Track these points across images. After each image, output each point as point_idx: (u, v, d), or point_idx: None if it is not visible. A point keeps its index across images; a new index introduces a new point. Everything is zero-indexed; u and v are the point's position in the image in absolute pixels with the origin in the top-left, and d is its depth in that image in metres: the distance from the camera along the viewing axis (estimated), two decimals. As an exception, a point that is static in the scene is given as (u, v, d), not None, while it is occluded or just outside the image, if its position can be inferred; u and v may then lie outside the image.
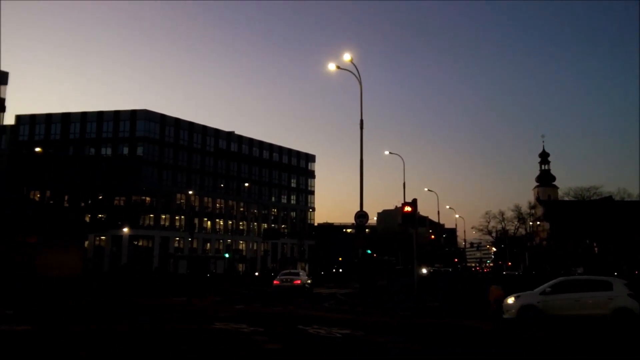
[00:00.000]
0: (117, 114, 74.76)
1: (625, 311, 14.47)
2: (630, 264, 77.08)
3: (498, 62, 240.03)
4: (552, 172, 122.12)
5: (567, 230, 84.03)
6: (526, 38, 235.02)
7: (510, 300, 16.61)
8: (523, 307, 15.99)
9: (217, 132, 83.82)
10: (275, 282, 30.31)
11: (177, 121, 78.27)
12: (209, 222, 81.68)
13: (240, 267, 79.95)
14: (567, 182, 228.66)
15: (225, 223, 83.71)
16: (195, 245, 77.24)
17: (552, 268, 76.71)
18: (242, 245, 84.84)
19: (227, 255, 72.86)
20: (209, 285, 34.59)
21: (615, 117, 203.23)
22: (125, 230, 67.96)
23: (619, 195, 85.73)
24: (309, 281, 32.59)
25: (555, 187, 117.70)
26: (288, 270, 36.86)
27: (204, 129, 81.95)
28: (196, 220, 78.12)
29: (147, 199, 73.92)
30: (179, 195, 77.19)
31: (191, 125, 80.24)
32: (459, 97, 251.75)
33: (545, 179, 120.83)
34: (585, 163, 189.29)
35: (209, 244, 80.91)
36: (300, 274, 32.85)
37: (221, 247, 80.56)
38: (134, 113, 74.44)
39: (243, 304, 24.67)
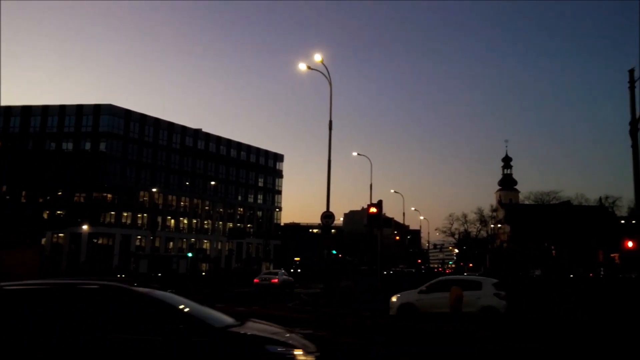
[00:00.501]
0: (80, 108, 72.57)
1: (491, 309, 15.42)
2: (585, 266, 79.99)
3: (465, 67, 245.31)
4: (514, 176, 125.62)
5: (527, 233, 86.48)
6: (493, 44, 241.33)
7: (394, 298, 17.31)
8: (402, 305, 16.82)
9: (184, 129, 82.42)
10: (255, 280, 33.17)
11: (143, 117, 76.59)
12: (172, 221, 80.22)
13: (204, 266, 78.84)
14: (528, 187, 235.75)
15: (190, 222, 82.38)
16: (157, 244, 75.68)
17: (511, 269, 78.77)
18: (206, 244, 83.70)
19: (190, 255, 71.74)
20: (170, 285, 33.92)
21: (576, 124, 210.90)
22: (85, 227, 66.01)
23: (577, 200, 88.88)
24: (290, 279, 35.47)
25: (517, 191, 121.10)
26: (268, 270, 39.52)
27: (171, 125, 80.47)
28: (159, 219, 76.56)
29: (109, 195, 71.98)
30: (142, 193, 75.49)
31: (157, 121, 78.65)
32: (426, 101, 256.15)
33: (507, 183, 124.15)
34: (546, 168, 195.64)
35: (171, 243, 79.45)
36: (279, 273, 35.08)
37: (184, 246, 79.28)
38: (97, 107, 72.42)
39: (206, 305, 24.27)
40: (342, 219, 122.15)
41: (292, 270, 60.28)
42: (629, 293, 22.40)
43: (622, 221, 67.51)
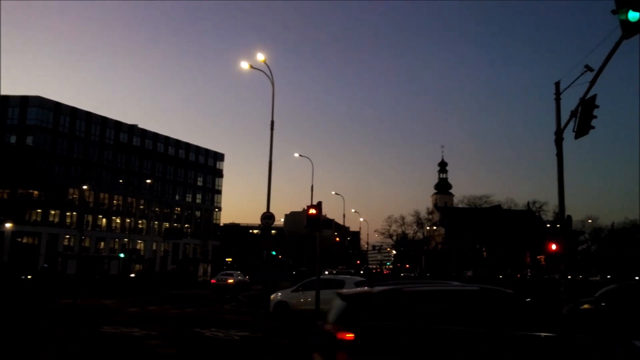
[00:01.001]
0: (5, 99, 67.67)
1: None
2: (513, 267, 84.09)
3: (406, 72, 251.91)
4: (449, 180, 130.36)
5: (460, 235, 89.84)
6: (432, 50, 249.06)
7: (273, 296, 18.77)
8: (277, 303, 18.26)
9: (118, 124, 78.84)
10: (212, 280, 36.03)
11: (74, 110, 72.56)
12: (104, 220, 76.50)
13: (138, 267, 75.78)
14: (462, 190, 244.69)
15: (123, 221, 78.91)
16: (87, 244, 71.94)
17: (445, 270, 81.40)
18: (140, 245, 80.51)
19: (122, 255, 68.65)
20: (101, 286, 32.39)
21: (508, 131, 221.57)
22: (8, 225, 61.67)
23: (506, 205, 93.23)
24: (246, 280, 37.79)
25: (451, 195, 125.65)
26: (225, 271, 41.23)
27: (104, 120, 76.74)
28: (90, 217, 72.82)
29: (35, 192, 67.66)
30: (71, 190, 71.50)
31: (89, 115, 74.79)
32: (367, 104, 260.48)
33: (443, 186, 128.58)
34: (479, 173, 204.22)
35: (102, 243, 75.80)
36: (234, 274, 37.31)
37: (117, 246, 75.88)
38: (25, 99, 67.92)
39: (137, 307, 23.32)
40: (282, 220, 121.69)
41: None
42: (551, 292, 23.62)
43: (548, 225, 71.50)
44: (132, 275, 56.22)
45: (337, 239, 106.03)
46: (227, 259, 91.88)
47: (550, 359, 5.27)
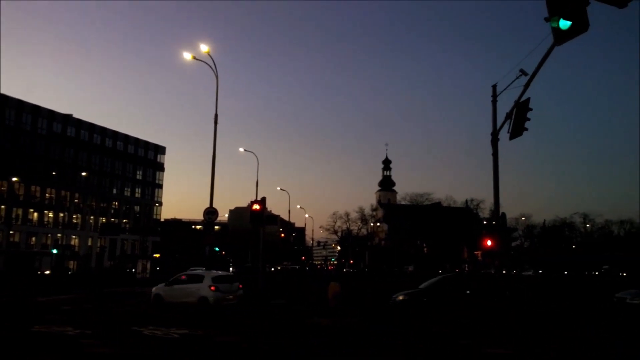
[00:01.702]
0: None
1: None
2: (452, 262, 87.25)
3: (352, 68, 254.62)
4: (393, 177, 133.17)
5: (403, 231, 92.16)
6: (378, 48, 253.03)
7: (153, 289, 21.11)
8: (155, 296, 20.60)
9: (51, 113, 74.75)
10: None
11: (4, 98, 68.11)
12: (35, 214, 72.37)
13: (72, 264, 72.35)
14: (405, 188, 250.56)
15: (56, 215, 75.02)
16: (17, 239, 67.91)
17: (388, 265, 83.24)
18: (75, 240, 76.88)
19: (55, 251, 65.25)
20: (32, 284, 30.69)
21: (450, 130, 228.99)
22: None
23: (446, 202, 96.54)
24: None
25: (395, 192, 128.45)
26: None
27: (36, 109, 72.54)
28: (20, 211, 68.78)
29: (-43, 184, 63.10)
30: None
31: (20, 103, 70.46)
32: (314, 100, 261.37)
33: (387, 184, 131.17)
34: (422, 171, 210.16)
35: (34, 239, 71.78)
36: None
37: (49, 242, 72.05)
38: (-55, 83, 63.25)
39: (71, 305, 22.30)
40: (227, 215, 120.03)
41: (167, 269, 57.53)
42: (485, 285, 24.82)
43: (484, 222, 74.73)
44: (69, 272, 53.65)
45: (282, 235, 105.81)
46: (171, 257, 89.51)
47: None
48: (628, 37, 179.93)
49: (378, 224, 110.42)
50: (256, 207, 18.24)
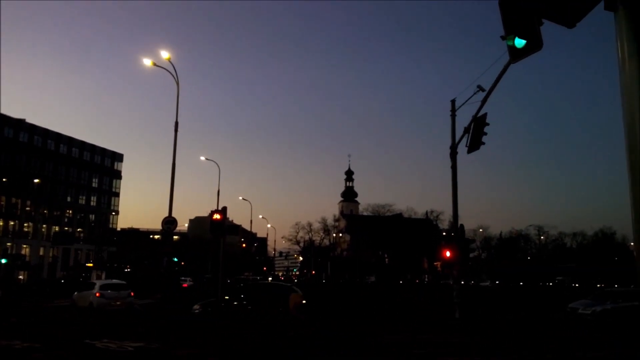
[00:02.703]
0: None
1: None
2: (413, 273, 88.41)
3: (315, 78, 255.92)
4: (355, 188, 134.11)
5: (365, 242, 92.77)
6: (339, 58, 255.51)
7: (73, 295, 24.94)
8: (73, 301, 24.55)
9: (3, 117, 71.77)
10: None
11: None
12: (-17, 222, 69.09)
13: (22, 275, 69.19)
14: (367, 199, 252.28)
15: (6, 223, 71.69)
16: (-38, 248, 64.48)
17: (351, 276, 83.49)
18: (25, 249, 73.61)
19: (3, 261, 62.23)
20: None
21: (410, 142, 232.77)
22: None
23: (407, 213, 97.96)
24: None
25: (357, 203, 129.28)
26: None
27: (-14, 112, 69.53)
28: (-34, 219, 65.46)
29: None
30: (-56, 189, 63.87)
31: (-31, 106, 67.50)
32: (276, 109, 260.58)
33: (349, 194, 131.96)
34: (383, 182, 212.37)
35: (-19, 248, 68.33)
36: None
37: (-2, 251, 68.74)
38: None
39: (17, 317, 21.28)
40: (187, 224, 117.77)
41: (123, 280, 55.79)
42: (444, 294, 25.28)
43: (444, 233, 76.20)
44: (19, 279, 51.06)
45: (244, 245, 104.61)
46: (125, 267, 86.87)
47: None
48: (584, 50, 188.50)
49: (340, 234, 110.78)
50: (217, 216, 17.92)
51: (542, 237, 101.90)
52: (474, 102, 18.44)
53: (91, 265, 75.02)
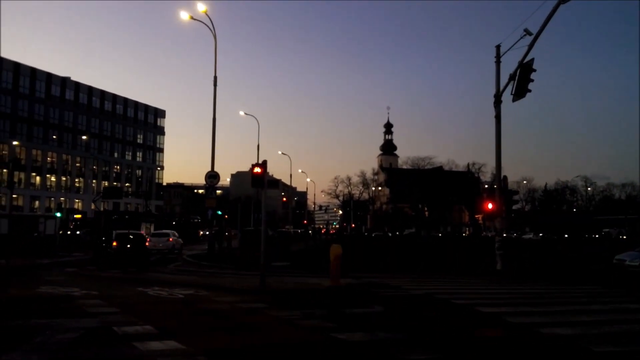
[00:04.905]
0: None
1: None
2: (453, 225, 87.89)
3: (351, 32, 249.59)
4: (395, 141, 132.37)
5: (404, 195, 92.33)
6: (376, 12, 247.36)
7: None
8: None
9: (49, 76, 73.90)
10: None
11: (0, 61, 67.23)
12: (37, 178, 72.65)
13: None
14: (407, 152, 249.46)
15: (58, 179, 75.29)
16: (20, 202, 68.37)
17: (390, 229, 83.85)
18: (78, 204, 77.41)
19: (58, 215, 65.71)
20: (37, 246, 31.19)
21: (451, 93, 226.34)
22: None
23: (448, 166, 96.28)
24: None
25: (396, 156, 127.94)
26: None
27: (33, 71, 71.59)
28: (22, 175, 69.03)
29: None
30: (0, 146, 67.17)
31: (17, 66, 69.52)
32: (313, 63, 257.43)
33: (388, 148, 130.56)
34: (423, 134, 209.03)
35: (37, 202, 72.29)
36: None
37: (53, 205, 72.60)
38: (-59, 45, 62.27)
39: (76, 267, 22.65)
40: (228, 179, 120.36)
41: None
42: (486, 247, 25.06)
43: (486, 185, 74.72)
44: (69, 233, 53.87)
45: (284, 199, 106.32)
46: (172, 220, 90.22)
47: None
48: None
49: (380, 188, 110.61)
50: (257, 170, 18.05)
51: (589, 189, 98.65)
52: (520, 47, 17.57)
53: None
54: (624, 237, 61.05)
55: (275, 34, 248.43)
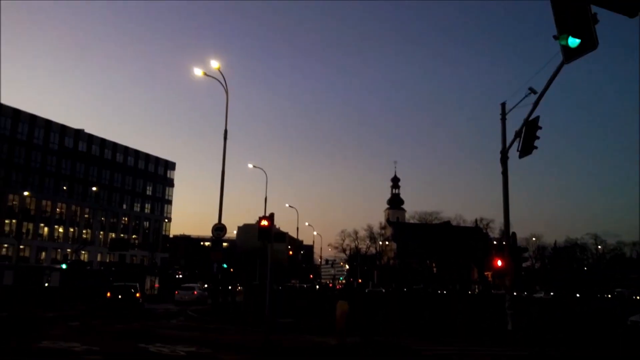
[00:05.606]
0: (-62, 97, 63.87)
1: None
2: (462, 282, 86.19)
3: (360, 86, 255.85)
4: (402, 196, 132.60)
5: (412, 250, 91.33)
6: (386, 65, 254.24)
7: None
8: None
9: (63, 128, 75.78)
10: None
11: (16, 112, 69.24)
12: (46, 229, 72.94)
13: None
14: (414, 206, 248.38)
15: (66, 230, 75.52)
16: (27, 253, 68.30)
17: (398, 284, 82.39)
18: (84, 255, 77.22)
19: (64, 266, 65.39)
20: (41, 299, 30.80)
21: (460, 149, 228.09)
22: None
23: (455, 221, 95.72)
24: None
25: (404, 210, 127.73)
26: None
27: (48, 123, 73.57)
28: (31, 225, 69.35)
29: (-29, 198, 63.81)
30: (11, 196, 67.91)
31: (33, 118, 71.56)
32: (323, 118, 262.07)
33: (395, 202, 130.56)
34: (431, 189, 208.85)
35: (44, 253, 72.19)
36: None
37: (59, 257, 72.41)
38: (-39, 99, 64.33)
39: (79, 320, 22.27)
40: (235, 232, 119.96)
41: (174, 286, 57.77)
42: (495, 305, 24.47)
43: (495, 242, 73.94)
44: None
45: (291, 252, 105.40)
46: (177, 273, 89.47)
47: None
48: (634, 51, 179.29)
49: (387, 242, 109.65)
50: (264, 223, 18.08)
51: (599, 247, 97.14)
52: (525, 105, 17.84)
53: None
54: (638, 297, 59.52)
55: (285, 87, 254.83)
